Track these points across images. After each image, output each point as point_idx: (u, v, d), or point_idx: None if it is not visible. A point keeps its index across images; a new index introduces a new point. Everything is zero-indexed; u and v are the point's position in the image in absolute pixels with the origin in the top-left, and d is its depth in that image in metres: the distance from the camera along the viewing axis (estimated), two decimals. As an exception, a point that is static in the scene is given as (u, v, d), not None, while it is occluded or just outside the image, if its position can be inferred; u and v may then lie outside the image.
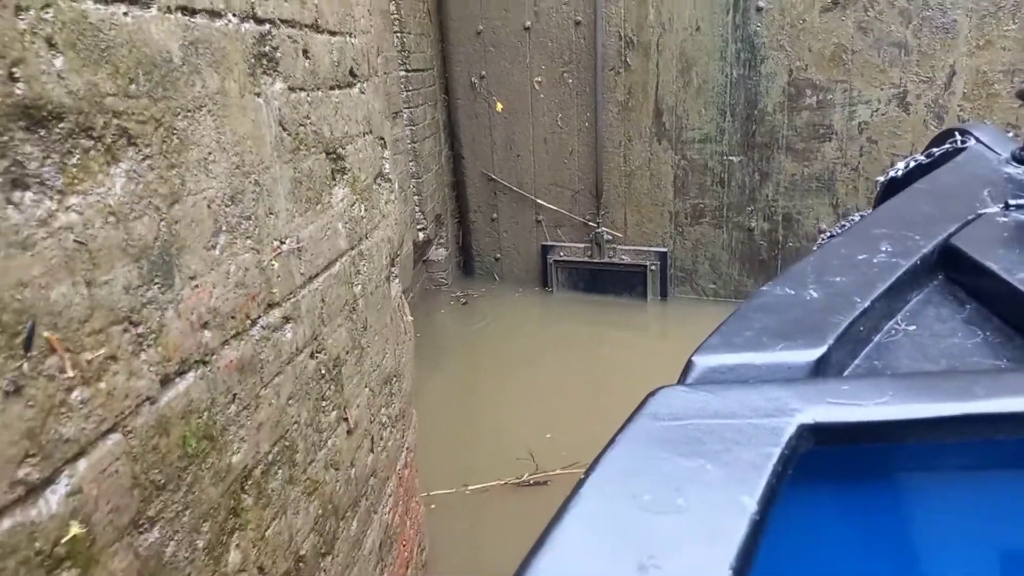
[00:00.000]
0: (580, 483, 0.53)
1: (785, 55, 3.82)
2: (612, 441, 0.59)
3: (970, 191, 1.31)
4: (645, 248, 4.28)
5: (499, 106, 4.31)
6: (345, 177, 1.52)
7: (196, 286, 0.95)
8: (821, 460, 0.61)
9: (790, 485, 0.56)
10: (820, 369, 0.76)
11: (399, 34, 3.67)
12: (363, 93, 1.65)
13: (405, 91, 3.77)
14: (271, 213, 1.18)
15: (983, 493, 0.68)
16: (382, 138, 1.80)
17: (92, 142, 0.77)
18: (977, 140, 1.70)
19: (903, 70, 3.68)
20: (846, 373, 0.81)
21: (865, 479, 0.69)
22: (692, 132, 4.07)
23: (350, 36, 1.56)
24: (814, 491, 0.64)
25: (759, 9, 3.79)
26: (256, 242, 1.12)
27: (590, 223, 4.34)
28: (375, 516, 1.69)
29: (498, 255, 4.65)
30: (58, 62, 0.71)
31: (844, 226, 1.82)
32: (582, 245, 4.40)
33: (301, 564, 1.28)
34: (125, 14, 0.82)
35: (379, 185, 1.76)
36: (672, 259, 4.26)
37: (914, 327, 0.90)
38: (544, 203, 4.42)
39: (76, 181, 0.74)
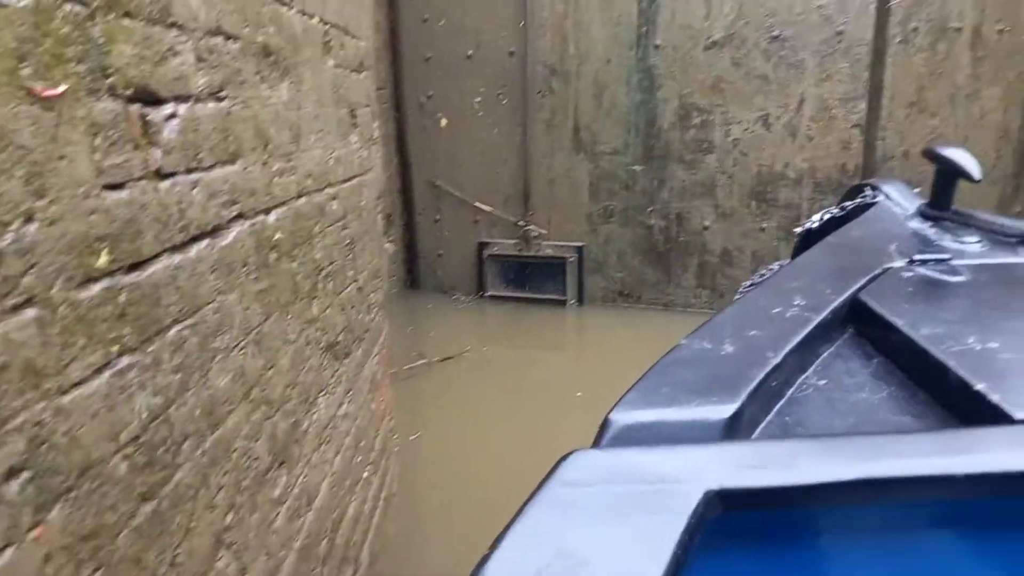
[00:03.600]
0: (485, 559, 0.55)
1: (677, 83, 5.07)
2: (520, 511, 0.60)
3: (878, 246, 1.44)
4: (565, 243, 5.38)
5: (443, 122, 5.39)
6: (357, 128, 2.52)
7: (305, 152, 1.93)
8: (731, 525, 0.64)
9: (700, 552, 0.58)
10: (734, 425, 0.80)
11: (361, 56, 4.73)
12: (366, 78, 2.66)
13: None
14: (329, 132, 2.17)
15: (894, 556, 0.69)
16: (374, 112, 2.81)
17: (278, 68, 1.76)
18: (886, 196, 1.87)
19: (766, 97, 4.97)
20: (758, 430, 0.86)
21: (776, 543, 0.70)
22: (604, 146, 5.24)
23: (362, 40, 2.59)
24: (725, 557, 0.66)
25: (656, 46, 5.05)
26: (324, 146, 2.11)
27: (520, 222, 5.42)
28: (368, 359, 2.63)
29: (440, 252, 5.66)
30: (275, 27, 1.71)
31: (763, 275, 2.14)
32: (513, 241, 5.46)
33: (340, 338, 2.22)
34: (289, 9, 1.82)
35: (372, 142, 2.76)
36: (587, 252, 5.37)
37: (824, 381, 0.96)
38: (481, 206, 5.47)
39: (273, 83, 1.73)
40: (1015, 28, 4.88)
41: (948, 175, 1.61)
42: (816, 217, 2.05)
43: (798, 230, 2.17)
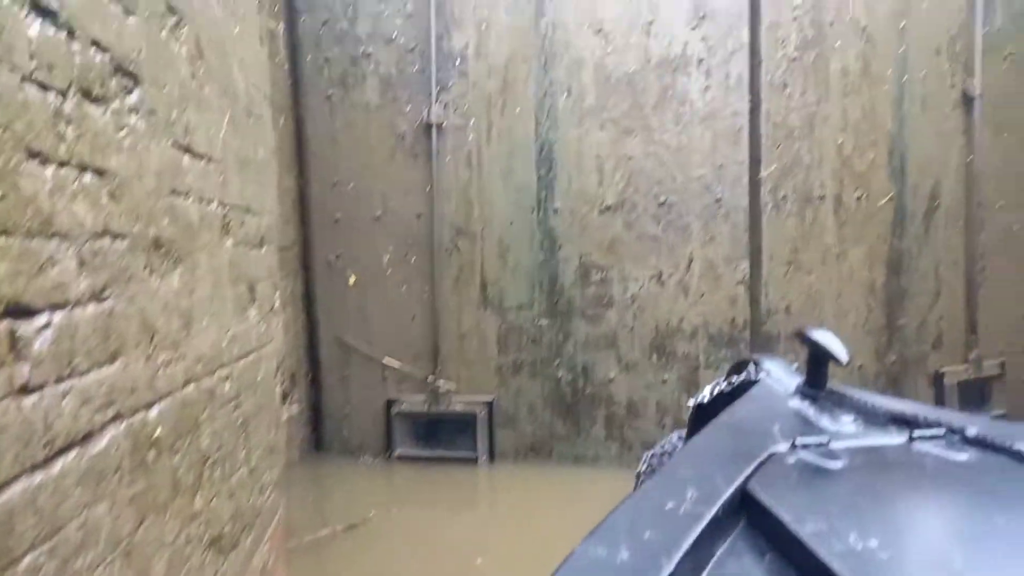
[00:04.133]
0: None
1: (576, 244, 5.37)
2: None
3: (763, 428, 1.48)
4: (475, 398, 5.37)
5: (352, 280, 5.45)
6: (256, 303, 2.51)
7: (197, 336, 1.90)
8: None
9: None
10: None
11: (268, 218, 4.80)
12: (267, 252, 2.70)
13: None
14: (224, 312, 2.15)
15: None
16: (275, 283, 2.82)
17: (171, 258, 1.76)
18: (768, 373, 1.95)
19: (658, 257, 5.32)
20: None
21: None
22: (510, 301, 5.40)
23: (263, 216, 2.64)
24: None
25: (555, 210, 5.38)
26: (219, 326, 2.08)
27: (429, 378, 5.40)
28: (259, 546, 2.46)
29: (347, 411, 5.51)
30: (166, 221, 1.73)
31: (664, 447, 2.28)
32: (422, 397, 5.40)
33: (226, 529, 2.07)
34: (185, 199, 1.85)
35: (273, 313, 2.75)
36: (498, 406, 5.37)
37: None
38: (390, 362, 5.44)
39: (164, 273, 1.72)
40: (870, 196, 5.52)
41: (819, 357, 1.72)
42: (706, 391, 2.13)
43: (691, 403, 2.24)
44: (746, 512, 1.12)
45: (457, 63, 5.36)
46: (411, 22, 5.34)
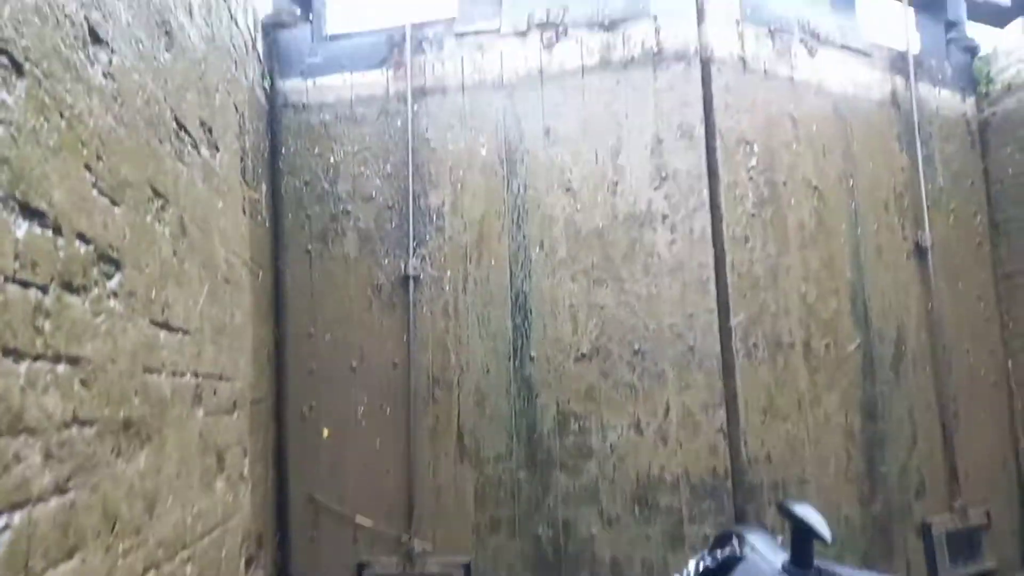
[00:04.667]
0: None
1: (553, 392, 5.37)
2: None
3: None
4: (452, 559, 5.13)
5: (326, 433, 5.34)
6: (224, 472, 2.45)
7: (160, 518, 1.83)
8: None
9: None
10: None
11: (242, 372, 4.76)
12: (238, 418, 2.66)
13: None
14: (190, 488, 2.09)
15: None
16: (245, 448, 2.76)
17: (139, 437, 1.74)
18: (752, 547, 1.94)
19: (635, 405, 5.32)
20: None
21: None
22: (488, 452, 5.31)
23: (236, 381, 2.64)
24: None
25: (532, 358, 5.42)
26: (183, 503, 2.02)
27: (403, 537, 5.17)
28: None
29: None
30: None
31: None
32: (395, 559, 5.15)
33: None
34: (159, 375, 1.86)
35: (241, 480, 2.67)
36: (475, 568, 5.12)
37: None
38: (362, 521, 5.23)
39: (130, 455, 1.69)
40: (837, 343, 5.67)
41: (803, 533, 1.68)
42: (692, 567, 2.05)
43: None
44: None
45: (434, 219, 5.59)
46: (390, 182, 5.63)
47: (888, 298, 5.94)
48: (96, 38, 1.67)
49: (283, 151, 5.74)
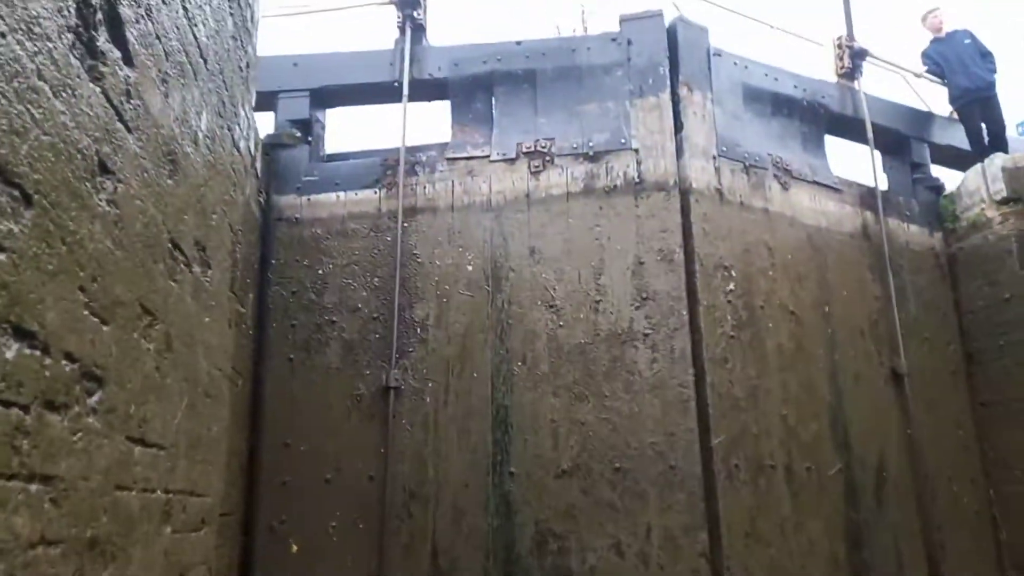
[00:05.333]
0: None
1: (532, 509, 5.28)
2: None
3: None
4: None
5: (294, 548, 5.18)
6: None
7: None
8: None
9: None
10: None
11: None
12: (205, 534, 2.63)
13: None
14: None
15: None
16: (210, 568, 2.70)
17: (104, 557, 1.73)
18: None
19: (616, 524, 5.23)
20: None
21: None
22: (463, 573, 5.14)
23: (206, 497, 2.62)
24: None
25: (511, 474, 5.36)
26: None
27: (370, 663, 4.91)
28: None
29: None
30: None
31: None
32: None
33: None
34: (129, 492, 1.86)
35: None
36: None
37: None
38: (327, 643, 4.98)
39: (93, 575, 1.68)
40: (819, 467, 5.66)
41: None
42: None
43: None
44: None
45: (418, 331, 5.68)
46: (376, 294, 5.76)
47: (867, 423, 5.99)
48: (104, 169, 1.80)
49: (273, 262, 5.89)
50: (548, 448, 5.43)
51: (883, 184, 7.01)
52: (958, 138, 7.61)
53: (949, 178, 7.44)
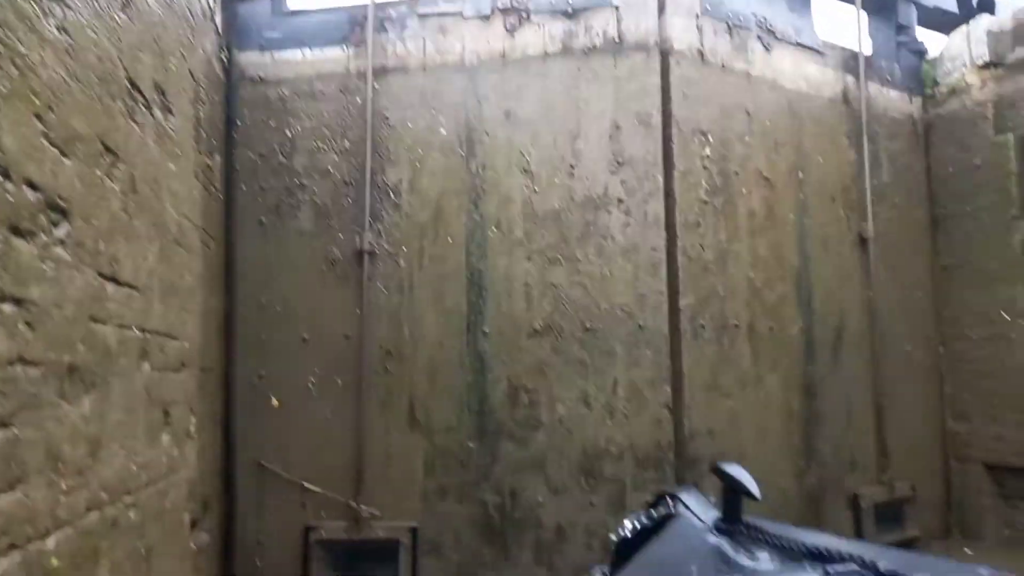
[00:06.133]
0: None
1: (505, 366, 5.50)
2: None
3: (681, 567, 1.55)
4: (400, 524, 5.26)
5: (275, 402, 5.40)
6: (170, 427, 2.52)
7: (103, 463, 1.91)
8: None
9: None
10: None
11: (194, 339, 4.79)
12: (187, 376, 2.73)
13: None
14: (135, 438, 2.16)
15: None
16: (192, 407, 2.83)
17: (83, 383, 1.81)
18: (685, 506, 2.00)
19: (585, 380, 5.48)
20: None
21: None
22: (439, 424, 5.44)
23: (186, 341, 2.70)
24: None
25: (485, 333, 5.54)
26: (128, 452, 2.09)
27: (351, 503, 5.27)
28: None
29: (262, 539, 5.29)
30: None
31: None
32: (344, 523, 5.25)
33: None
34: (104, 325, 1.92)
35: (187, 437, 2.74)
36: (422, 533, 5.26)
37: None
38: (311, 487, 5.31)
39: (75, 398, 1.77)
40: (781, 327, 5.91)
41: (733, 491, 1.79)
42: (628, 525, 2.13)
43: (613, 538, 2.24)
44: None
45: (391, 196, 5.66)
46: (347, 158, 5.67)
47: (831, 285, 6.21)
48: (49, -8, 1.72)
49: (239, 123, 5.73)
50: (521, 310, 5.59)
51: (867, 48, 6.86)
52: (947, -1, 7.40)
53: (935, 42, 7.29)
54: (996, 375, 6.22)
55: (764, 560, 1.58)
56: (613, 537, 2.26)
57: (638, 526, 2.12)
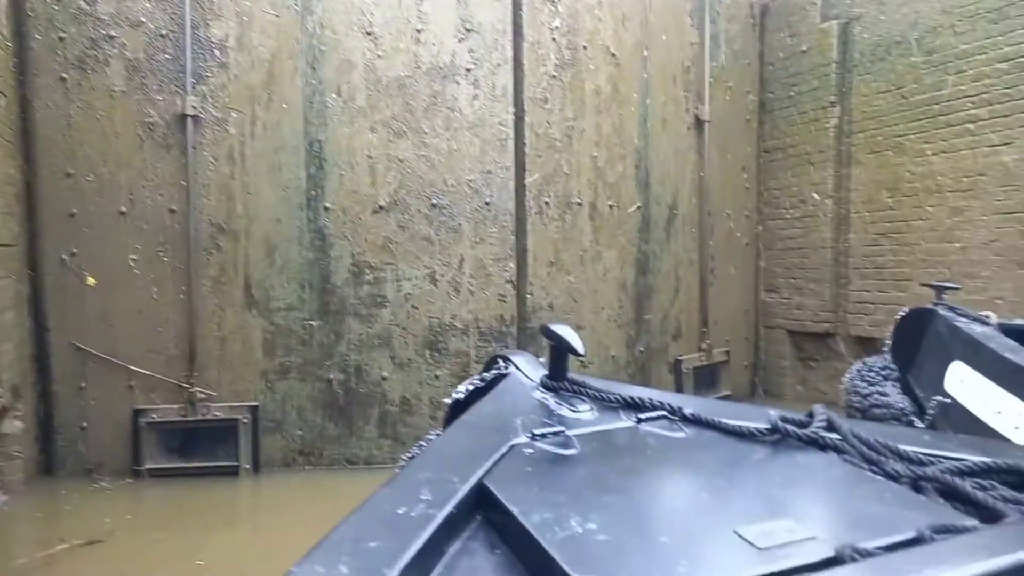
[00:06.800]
0: None
1: (348, 243, 5.33)
2: None
3: (505, 422, 1.49)
4: (238, 404, 5.12)
5: (91, 280, 4.93)
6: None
7: None
8: None
9: None
10: None
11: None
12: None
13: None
14: None
15: None
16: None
17: None
18: (516, 367, 1.94)
19: (431, 256, 5.45)
20: None
21: None
22: (278, 302, 5.23)
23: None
24: None
25: (327, 209, 5.29)
26: None
27: (184, 384, 5.04)
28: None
29: (84, 424, 4.97)
30: None
31: (421, 444, 2.18)
32: (176, 406, 5.03)
33: None
34: None
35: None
36: (263, 411, 5.17)
37: None
38: (138, 369, 4.99)
39: None
40: (620, 205, 6.11)
41: (559, 350, 1.83)
42: (461, 388, 2.12)
43: (447, 401, 2.24)
44: (482, 510, 1.12)
45: (216, 53, 5.10)
46: (161, 7, 5.01)
47: (667, 165, 6.45)
48: None
49: (24, -46, 4.84)
50: (365, 184, 5.37)
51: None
52: None
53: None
54: (803, 251, 6.87)
55: (584, 411, 1.65)
56: (447, 401, 2.26)
57: (471, 388, 2.12)
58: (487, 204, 5.57)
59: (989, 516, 1.07)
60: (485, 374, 2.11)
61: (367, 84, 5.34)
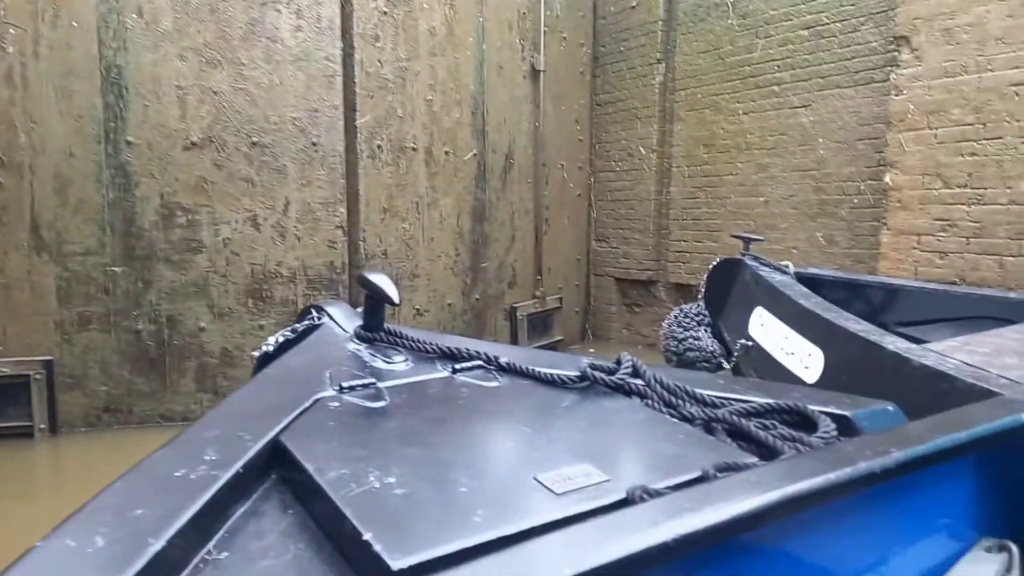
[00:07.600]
0: None
1: (157, 182, 4.85)
2: None
3: (312, 374, 1.40)
4: (28, 358, 4.57)
5: None
6: None
7: None
8: None
9: None
10: None
11: None
12: None
13: None
14: None
15: None
16: None
17: None
18: (330, 317, 1.84)
19: (252, 199, 5.10)
20: None
21: None
22: (73, 246, 4.68)
23: None
24: None
25: (129, 143, 4.77)
26: None
27: (-41, 339, 4.41)
28: None
29: None
30: None
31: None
32: (-50, 363, 4.41)
33: None
34: None
35: None
36: (60, 366, 4.65)
37: (226, 554, 0.85)
38: (-103, 323, 4.30)
39: None
40: (456, 151, 6.04)
41: (375, 299, 1.73)
42: (271, 340, 1.97)
43: (255, 354, 2.06)
44: (277, 468, 1.04)
45: (-18, -47, 4.36)
46: None
47: (504, 113, 6.45)
48: None
49: None
50: (174, 117, 4.88)
51: None
52: None
53: None
54: (630, 203, 7.19)
55: (399, 363, 1.59)
56: (255, 353, 2.09)
57: (281, 340, 1.98)
58: (314, 144, 5.28)
59: (768, 453, 1.14)
60: (296, 325, 2.00)
61: (173, 5, 4.82)
